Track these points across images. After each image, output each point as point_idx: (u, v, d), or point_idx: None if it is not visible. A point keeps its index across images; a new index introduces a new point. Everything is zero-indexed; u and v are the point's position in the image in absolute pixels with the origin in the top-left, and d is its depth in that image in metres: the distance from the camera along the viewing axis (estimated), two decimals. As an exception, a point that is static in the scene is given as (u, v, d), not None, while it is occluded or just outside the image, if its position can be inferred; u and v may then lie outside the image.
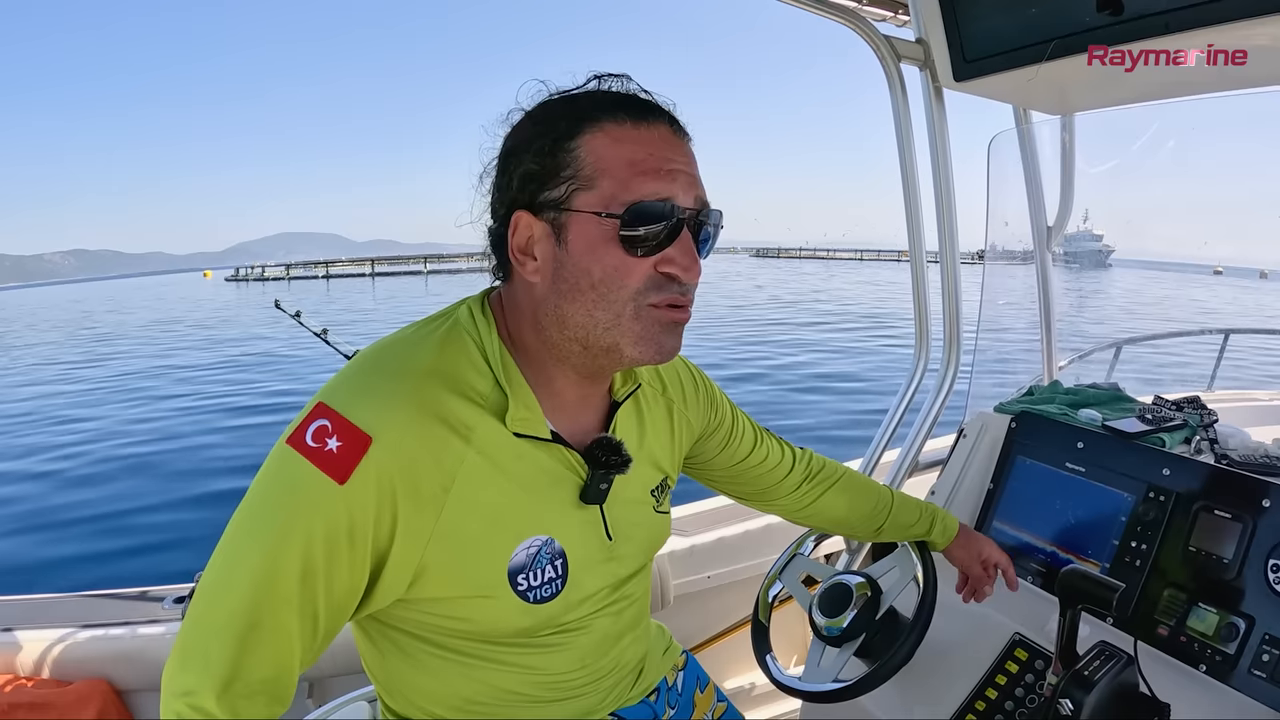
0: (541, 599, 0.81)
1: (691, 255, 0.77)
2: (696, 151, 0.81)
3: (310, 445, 0.69)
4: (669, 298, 0.77)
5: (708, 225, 0.80)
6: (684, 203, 0.76)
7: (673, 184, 0.75)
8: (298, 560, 0.68)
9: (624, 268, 0.75)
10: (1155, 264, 12.12)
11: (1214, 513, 1.26)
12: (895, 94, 1.68)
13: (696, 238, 0.78)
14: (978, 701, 1.32)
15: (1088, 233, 4.84)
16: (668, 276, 0.76)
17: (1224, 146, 1.98)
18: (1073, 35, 1.39)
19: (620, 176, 0.75)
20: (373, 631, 0.85)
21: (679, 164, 0.77)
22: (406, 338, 0.81)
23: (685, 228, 0.77)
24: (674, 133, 0.79)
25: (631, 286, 0.75)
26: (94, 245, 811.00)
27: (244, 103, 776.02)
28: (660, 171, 0.75)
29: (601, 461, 0.84)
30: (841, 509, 1.23)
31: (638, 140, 0.76)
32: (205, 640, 0.68)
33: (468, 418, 0.76)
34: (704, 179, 0.80)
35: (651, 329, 0.77)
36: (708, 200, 0.80)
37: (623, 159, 0.75)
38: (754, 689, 2.19)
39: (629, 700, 1.00)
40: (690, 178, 0.77)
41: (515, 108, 0.82)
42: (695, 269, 0.77)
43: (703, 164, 0.82)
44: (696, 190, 0.78)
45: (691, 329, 0.84)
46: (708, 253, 0.82)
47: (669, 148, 0.77)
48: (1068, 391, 1.77)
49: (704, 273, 0.81)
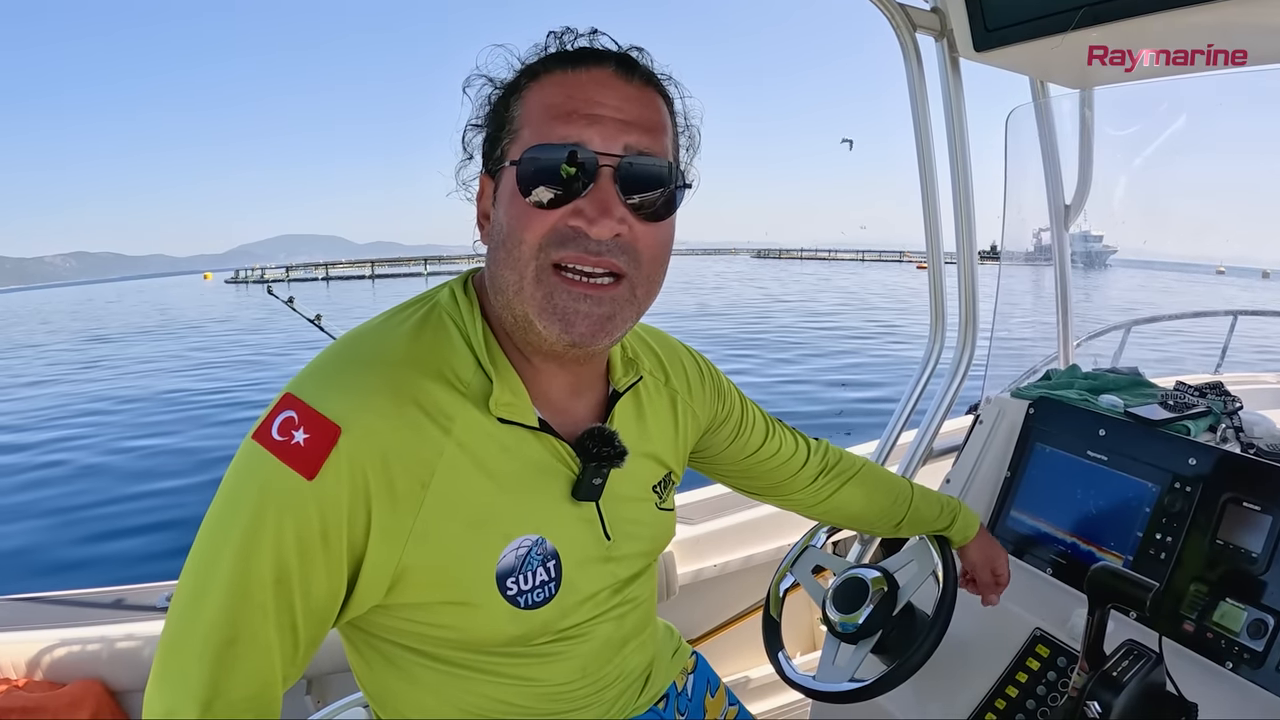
0: (533, 604, 0.75)
1: (601, 206, 0.68)
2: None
3: (276, 439, 0.64)
4: (574, 254, 0.68)
5: (646, 177, 0.70)
6: (602, 148, 0.68)
7: (588, 128, 0.68)
8: (270, 566, 0.63)
9: (525, 219, 0.69)
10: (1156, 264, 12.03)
11: (1242, 504, 1.22)
12: (910, 65, 1.61)
13: (628, 190, 0.69)
14: (998, 700, 1.28)
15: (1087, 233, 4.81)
16: (575, 230, 0.68)
17: (1247, 124, 1.90)
18: (1101, 3, 1.32)
19: (536, 123, 0.70)
20: (359, 642, 0.80)
21: (605, 107, 0.69)
22: (382, 324, 0.75)
23: (603, 176, 0.68)
24: (617, 74, 0.71)
25: (532, 241, 0.68)
26: (95, 248, 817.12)
27: (247, 105, 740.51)
28: (574, 114, 0.68)
29: (593, 453, 0.78)
30: (859, 504, 1.17)
31: (563, 84, 0.70)
32: (182, 659, 0.63)
33: (447, 406, 0.70)
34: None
35: (555, 298, 0.69)
36: (652, 149, 0.71)
37: (543, 104, 0.70)
38: (760, 679, 2.16)
39: (636, 709, 0.95)
40: (620, 123, 0.69)
41: (475, 73, 0.76)
42: (603, 222, 0.68)
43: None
44: (629, 136, 0.69)
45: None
46: (657, 213, 0.72)
47: (599, 90, 0.70)
48: (1086, 376, 1.72)
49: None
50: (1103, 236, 3.51)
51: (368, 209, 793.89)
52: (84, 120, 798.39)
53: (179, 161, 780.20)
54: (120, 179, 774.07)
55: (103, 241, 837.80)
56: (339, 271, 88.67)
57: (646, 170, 0.70)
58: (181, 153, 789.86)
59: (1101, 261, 5.32)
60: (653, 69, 0.76)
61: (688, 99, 0.80)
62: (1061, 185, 1.93)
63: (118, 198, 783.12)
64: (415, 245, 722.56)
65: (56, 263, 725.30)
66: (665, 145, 0.73)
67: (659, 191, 0.71)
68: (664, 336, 1.00)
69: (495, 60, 0.75)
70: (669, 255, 0.77)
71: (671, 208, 0.74)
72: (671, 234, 0.76)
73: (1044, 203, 1.93)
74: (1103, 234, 3.47)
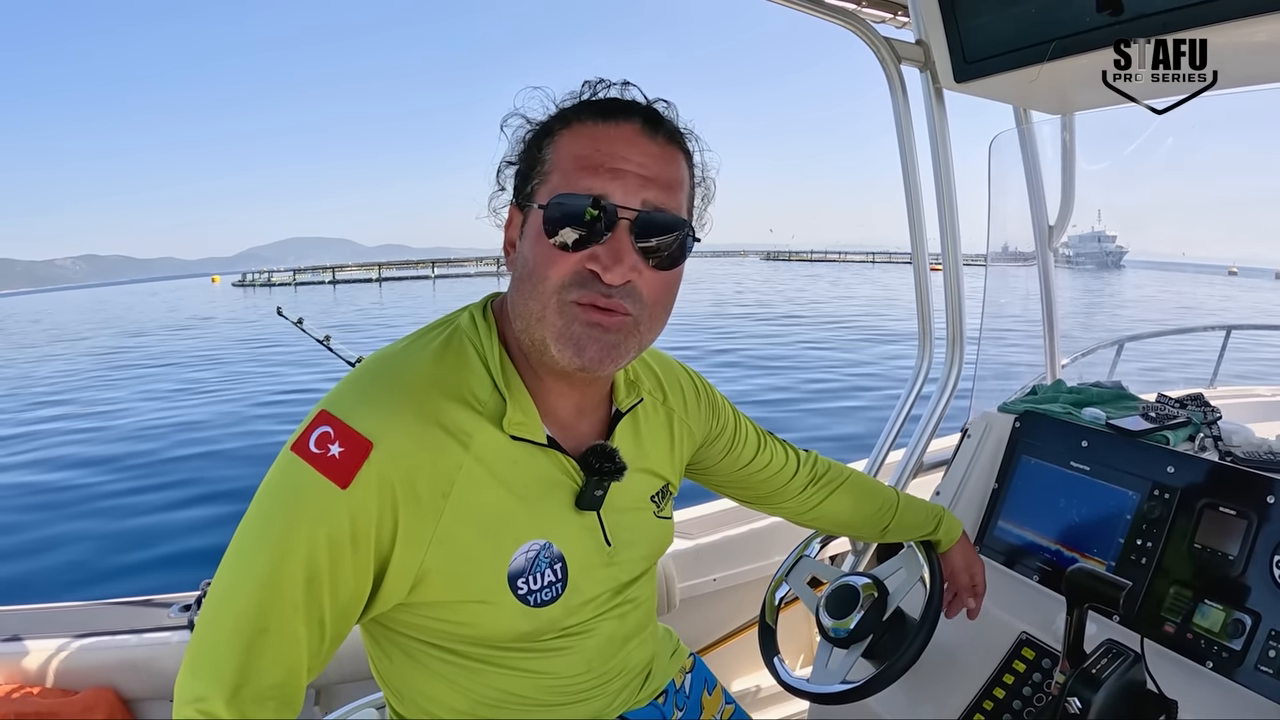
0: (542, 602, 0.82)
1: (616, 255, 0.74)
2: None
3: (313, 451, 0.70)
4: (590, 296, 0.75)
5: (658, 231, 0.77)
6: (622, 201, 0.75)
7: (611, 181, 0.75)
8: (302, 565, 0.69)
9: (549, 259, 0.75)
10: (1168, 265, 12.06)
11: (1219, 510, 1.26)
12: (896, 95, 1.68)
13: (640, 241, 0.76)
14: (985, 701, 1.32)
15: (1101, 233, 4.84)
16: (592, 274, 0.75)
17: (1227, 144, 1.97)
18: (1073, 36, 1.39)
19: (565, 170, 0.76)
20: (380, 637, 0.86)
21: (630, 163, 0.76)
22: (408, 346, 0.82)
23: (620, 228, 0.75)
24: (642, 132, 0.78)
25: (554, 279, 0.75)
26: (105, 250, 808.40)
27: (254, 107, 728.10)
28: (600, 168, 0.75)
29: (596, 468, 0.85)
30: (847, 511, 1.23)
31: (592, 136, 0.77)
32: (214, 647, 0.69)
33: (467, 424, 0.76)
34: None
35: (572, 328, 0.76)
36: (667, 205, 0.77)
37: (572, 154, 0.77)
38: (761, 690, 2.19)
39: (637, 703, 1.01)
40: (641, 179, 0.76)
41: (513, 112, 0.84)
42: (616, 269, 0.74)
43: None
44: (648, 192, 0.76)
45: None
46: (666, 262, 0.79)
47: (625, 145, 0.76)
48: (1071, 390, 1.77)
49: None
50: (1116, 237, 3.57)
51: (377, 211, 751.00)
52: (90, 121, 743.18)
53: (188, 163, 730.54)
54: (129, 180, 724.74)
55: (112, 244, 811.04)
56: (346, 275, 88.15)
57: (661, 224, 0.77)
58: (190, 154, 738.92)
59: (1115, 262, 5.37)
60: (677, 123, 0.83)
61: (706, 153, 0.87)
62: (1045, 207, 2.00)
63: (128, 200, 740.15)
64: (424, 248, 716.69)
65: (67, 265, 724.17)
66: (680, 201, 0.80)
67: (671, 241, 0.78)
68: (663, 357, 1.07)
69: (532, 102, 0.83)
70: (674, 298, 0.84)
71: (680, 258, 0.80)
72: (678, 279, 0.83)
73: (1027, 223, 2.00)
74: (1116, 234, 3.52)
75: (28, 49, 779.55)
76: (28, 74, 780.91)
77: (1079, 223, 2.07)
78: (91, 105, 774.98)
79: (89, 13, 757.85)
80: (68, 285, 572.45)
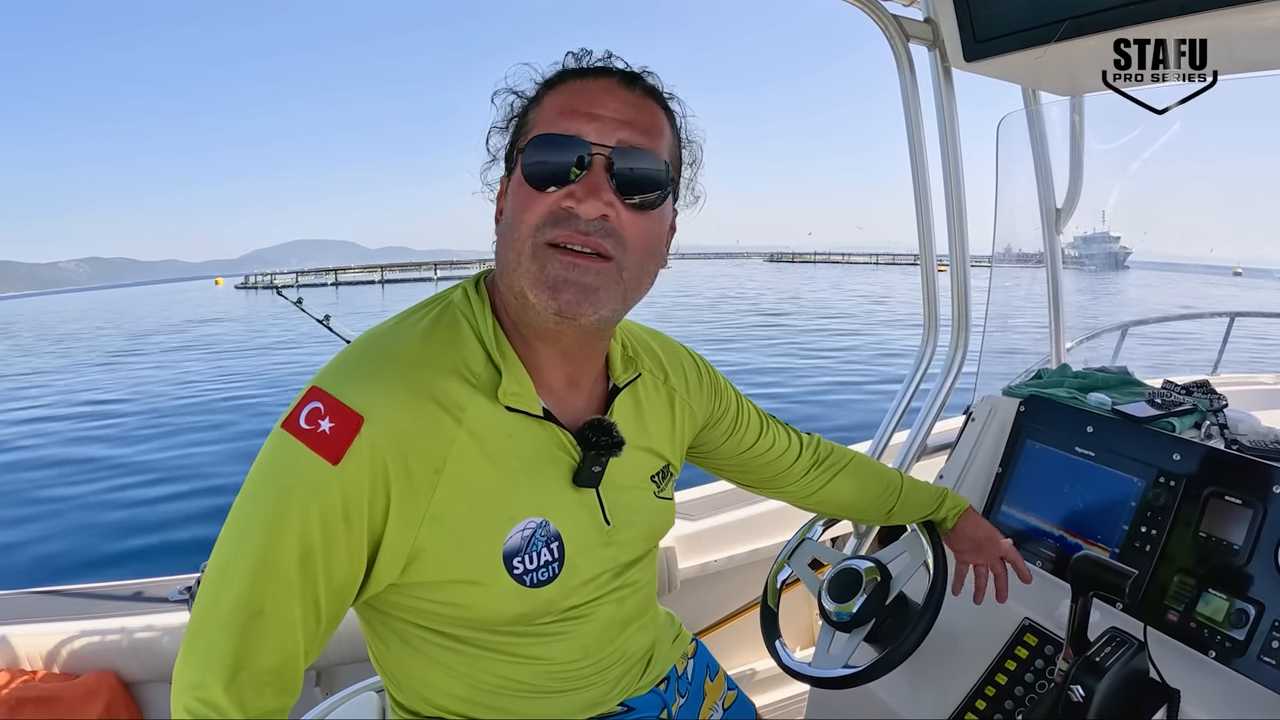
0: (538, 583, 0.81)
1: (590, 188, 0.74)
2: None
3: (304, 428, 0.69)
4: (565, 234, 0.74)
5: (634, 167, 0.76)
6: (596, 139, 0.75)
7: (587, 123, 0.75)
8: (295, 543, 0.68)
9: (526, 202, 0.76)
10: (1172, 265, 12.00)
11: (1224, 498, 1.26)
12: (904, 74, 1.65)
13: (620, 181, 0.75)
14: (987, 687, 1.32)
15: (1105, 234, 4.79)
16: (567, 211, 0.74)
17: (1236, 132, 1.95)
18: (1085, 16, 1.36)
19: (544, 122, 0.77)
20: (376, 623, 0.85)
21: (607, 108, 0.76)
22: (399, 322, 0.81)
23: (595, 163, 0.75)
24: (621, 84, 0.79)
25: (530, 222, 0.75)
26: (108, 253, 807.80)
27: (260, 109, 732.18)
28: (578, 112, 0.76)
29: (593, 442, 0.84)
30: (851, 494, 1.22)
31: (573, 90, 0.79)
32: (210, 632, 0.68)
33: (460, 397, 0.75)
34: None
35: (547, 269, 0.74)
36: (644, 146, 0.77)
37: (554, 106, 0.78)
38: (762, 673, 2.20)
39: (638, 690, 1.00)
40: (617, 122, 0.76)
41: (501, 87, 0.84)
42: (590, 202, 0.73)
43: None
44: (623, 133, 0.76)
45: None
46: (645, 203, 0.78)
47: (603, 93, 0.78)
48: (1076, 375, 1.76)
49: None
50: (1120, 237, 3.55)
51: (381, 213, 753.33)
52: (95, 123, 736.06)
53: (193, 166, 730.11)
54: (134, 183, 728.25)
55: (116, 247, 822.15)
56: (348, 277, 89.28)
57: (636, 161, 0.76)
58: (196, 156, 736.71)
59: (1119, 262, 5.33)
60: (660, 88, 0.83)
61: (690, 117, 0.87)
62: (1053, 190, 1.98)
63: (131, 203, 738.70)
64: (427, 250, 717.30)
65: (70, 268, 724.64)
66: (659, 146, 0.79)
67: (648, 178, 0.77)
68: (666, 339, 1.06)
69: (520, 76, 0.83)
70: (658, 249, 0.82)
71: (659, 201, 0.79)
72: (660, 227, 0.81)
73: (1035, 206, 1.97)
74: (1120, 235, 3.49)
75: (31, 50, 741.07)
76: (32, 76, 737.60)
77: (1082, 224, 2.04)
78: (96, 108, 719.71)
79: (94, 16, 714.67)
80: (71, 288, 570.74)
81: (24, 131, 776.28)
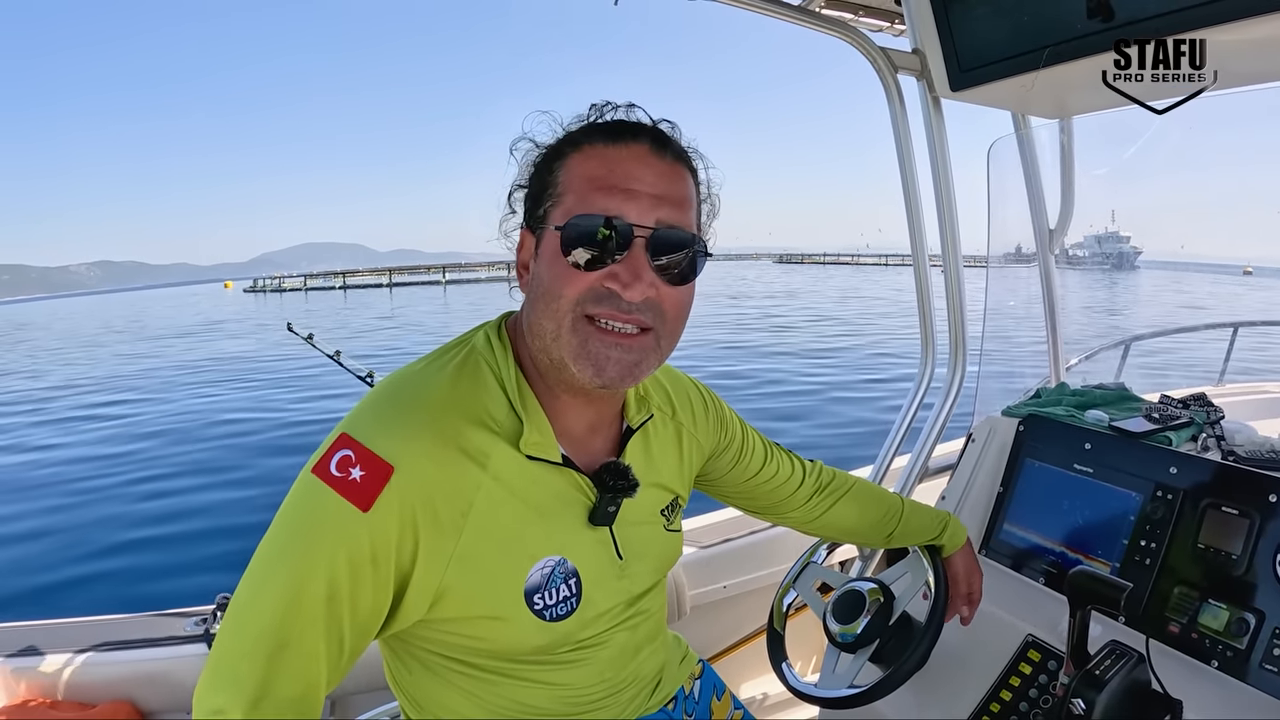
0: (557, 617, 0.84)
1: (634, 272, 0.77)
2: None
3: (334, 474, 0.72)
4: (607, 310, 0.77)
5: (672, 248, 0.79)
6: (637, 220, 0.77)
7: (626, 201, 0.77)
8: (323, 584, 0.70)
9: (565, 277, 0.77)
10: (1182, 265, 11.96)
11: (1221, 509, 1.27)
12: (893, 104, 1.70)
13: (656, 258, 0.78)
14: (992, 704, 1.32)
15: (1115, 234, 4.78)
16: (610, 291, 0.77)
17: (1232, 141, 1.99)
18: (1066, 42, 1.41)
19: (579, 192, 0.78)
20: (399, 650, 0.88)
21: (643, 182, 0.78)
22: (425, 367, 0.84)
23: (636, 245, 0.77)
24: (652, 151, 0.80)
25: (570, 296, 0.77)
26: (119, 257, 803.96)
27: (270, 112, 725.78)
28: (614, 188, 0.77)
29: (609, 486, 0.87)
30: (852, 518, 1.24)
31: (604, 158, 0.79)
32: (235, 661, 0.70)
33: (484, 445, 0.78)
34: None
35: (589, 345, 0.77)
36: (679, 223, 0.79)
37: (585, 175, 0.79)
38: (771, 697, 2.19)
39: (647, 709, 1.02)
40: (654, 198, 0.78)
41: (521, 136, 0.86)
42: (636, 286, 0.76)
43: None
44: (661, 211, 0.78)
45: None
46: (680, 278, 0.81)
47: (637, 165, 0.79)
48: (1074, 393, 1.78)
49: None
50: (1130, 238, 3.57)
51: (389, 216, 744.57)
52: (109, 126, 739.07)
53: (202, 169, 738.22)
54: (144, 186, 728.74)
55: (126, 250, 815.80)
56: (357, 280, 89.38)
57: (674, 240, 0.79)
58: (206, 159, 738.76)
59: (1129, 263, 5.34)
60: (682, 143, 0.85)
61: (710, 170, 0.89)
62: (1045, 210, 2.02)
63: (141, 206, 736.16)
64: (436, 253, 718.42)
65: (81, 272, 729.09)
66: (691, 219, 0.82)
67: (684, 257, 0.80)
68: (673, 372, 1.09)
69: (539, 125, 0.85)
70: (689, 312, 0.86)
71: (693, 273, 0.82)
72: (692, 295, 0.85)
73: (1028, 227, 2.01)
74: (1130, 235, 3.51)
75: (41, 55, 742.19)
76: (42, 81, 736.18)
77: (1094, 224, 2.07)
78: (108, 110, 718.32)
79: (103, 19, 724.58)
80: (82, 291, 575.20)
81: (34, 136, 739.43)
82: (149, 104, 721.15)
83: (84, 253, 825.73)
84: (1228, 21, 1.25)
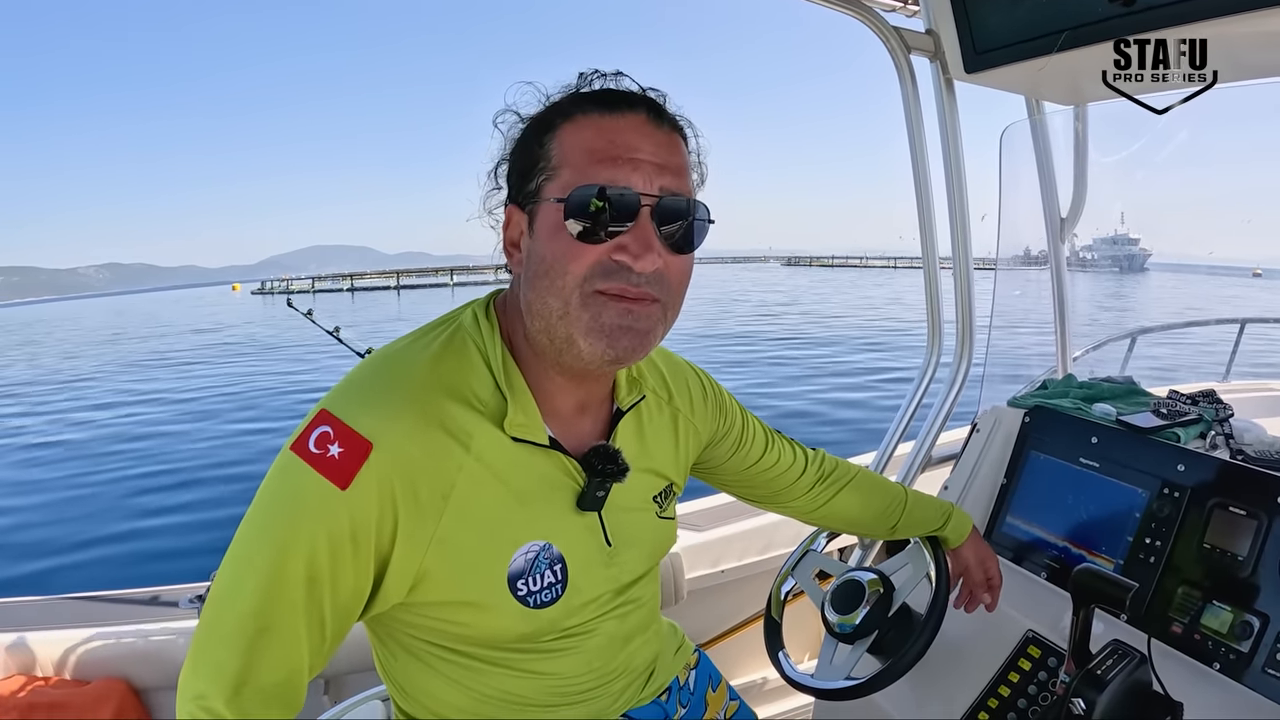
0: (541, 604, 0.82)
1: (644, 243, 0.74)
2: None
3: (313, 452, 0.70)
4: (618, 285, 0.75)
5: (677, 216, 0.77)
6: (642, 189, 0.75)
7: (632, 172, 0.74)
8: (303, 565, 0.69)
9: (571, 253, 0.75)
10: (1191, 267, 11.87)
11: (1229, 509, 1.25)
12: (905, 86, 1.66)
13: (661, 227, 0.76)
14: (990, 699, 1.31)
15: (1125, 236, 4.72)
16: (619, 264, 0.75)
17: (1244, 136, 1.95)
18: (1084, 26, 1.37)
19: (578, 164, 0.76)
20: (383, 636, 0.86)
21: (643, 152, 0.76)
22: (410, 344, 0.81)
23: (643, 215, 0.75)
24: (649, 121, 0.78)
25: (577, 272, 0.75)
26: (127, 259, 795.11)
27: (274, 112, 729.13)
28: (617, 159, 0.75)
29: (598, 469, 0.84)
30: (855, 509, 1.22)
31: (601, 128, 0.77)
32: (216, 646, 0.69)
33: (468, 424, 0.76)
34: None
35: (601, 319, 0.75)
36: (681, 189, 0.78)
37: (583, 147, 0.76)
38: (766, 684, 2.19)
39: (640, 701, 1.01)
40: (656, 166, 0.76)
41: (505, 109, 0.83)
42: (647, 257, 0.74)
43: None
44: (664, 179, 0.76)
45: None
46: (684, 245, 0.79)
47: (636, 135, 0.76)
48: (1082, 385, 1.75)
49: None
50: (1139, 240, 3.55)
51: (397, 218, 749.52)
52: (118, 126, 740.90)
53: (212, 171, 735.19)
54: (153, 188, 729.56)
55: (135, 252, 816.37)
56: (364, 283, 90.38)
57: (678, 208, 0.77)
58: (215, 161, 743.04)
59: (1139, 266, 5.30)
60: (674, 113, 0.82)
61: (699, 139, 0.87)
62: (1057, 199, 1.98)
63: (150, 208, 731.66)
64: (443, 255, 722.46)
65: (90, 274, 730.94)
66: (690, 185, 0.80)
67: (688, 224, 0.78)
68: (671, 356, 1.07)
69: (524, 97, 0.82)
70: (690, 281, 0.83)
71: (696, 240, 0.80)
72: (693, 264, 0.83)
73: (1039, 215, 1.97)
74: (1139, 237, 3.49)
75: (48, 54, 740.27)
76: (49, 80, 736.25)
77: (1101, 225, 2.03)
78: (118, 110, 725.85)
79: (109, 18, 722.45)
80: (91, 293, 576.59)
81: (42, 137, 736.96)
82: (157, 104, 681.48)
83: (93, 254, 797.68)
84: (1246, 11, 1.21)
